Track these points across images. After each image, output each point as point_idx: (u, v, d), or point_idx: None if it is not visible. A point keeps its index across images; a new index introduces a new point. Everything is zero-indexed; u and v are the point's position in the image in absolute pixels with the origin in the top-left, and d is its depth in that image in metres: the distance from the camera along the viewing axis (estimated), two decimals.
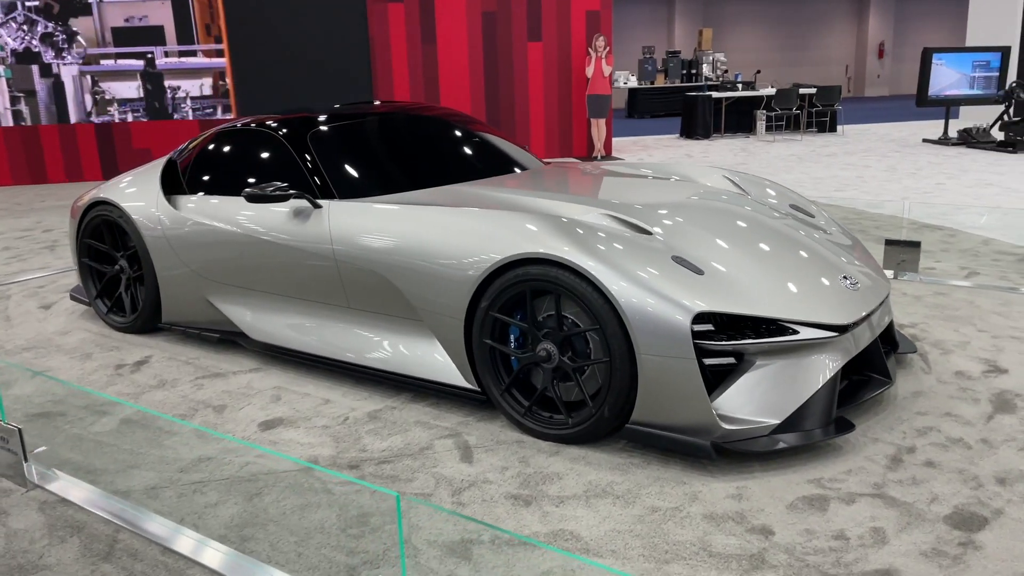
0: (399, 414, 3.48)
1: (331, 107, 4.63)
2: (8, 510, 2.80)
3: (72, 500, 2.83)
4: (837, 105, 15.89)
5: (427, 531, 2.57)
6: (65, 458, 3.16)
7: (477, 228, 3.28)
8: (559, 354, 3.09)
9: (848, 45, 32.54)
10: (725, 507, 2.65)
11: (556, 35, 12.85)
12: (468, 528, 2.57)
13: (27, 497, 2.88)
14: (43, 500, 2.85)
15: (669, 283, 2.90)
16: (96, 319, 4.95)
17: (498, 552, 2.44)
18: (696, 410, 2.85)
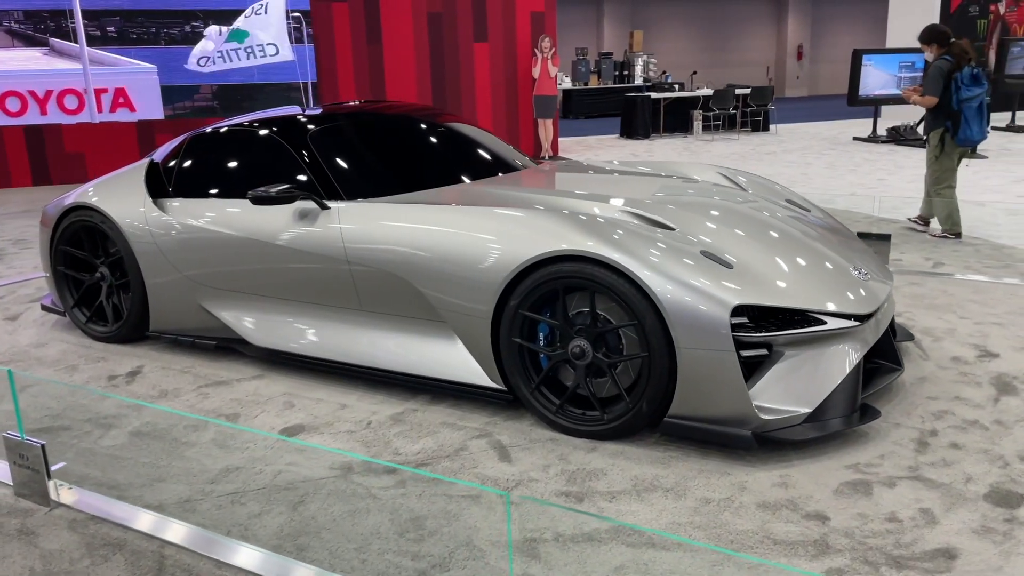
0: (422, 416, 3.43)
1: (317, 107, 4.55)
2: (35, 530, 2.65)
3: (104, 517, 2.71)
4: (770, 105, 16.34)
5: (485, 532, 2.55)
6: (82, 474, 3.02)
7: (504, 227, 3.26)
8: (593, 350, 3.10)
9: (768, 47, 33.51)
10: (775, 495, 2.70)
11: (502, 36, 12.87)
12: (527, 527, 2.56)
13: (52, 516, 2.74)
14: (71, 518, 2.72)
15: (704, 277, 2.94)
16: (72, 329, 4.74)
17: (565, 549, 2.44)
18: (735, 401, 2.89)
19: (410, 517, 2.65)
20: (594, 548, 2.44)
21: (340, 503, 2.75)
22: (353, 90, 12.35)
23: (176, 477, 2.98)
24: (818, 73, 33.83)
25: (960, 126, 6.29)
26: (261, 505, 2.76)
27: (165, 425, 3.42)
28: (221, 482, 2.93)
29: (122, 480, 2.97)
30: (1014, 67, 15.01)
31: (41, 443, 2.74)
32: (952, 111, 6.28)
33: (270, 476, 2.96)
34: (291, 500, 2.78)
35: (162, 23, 13.61)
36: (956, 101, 6.26)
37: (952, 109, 6.28)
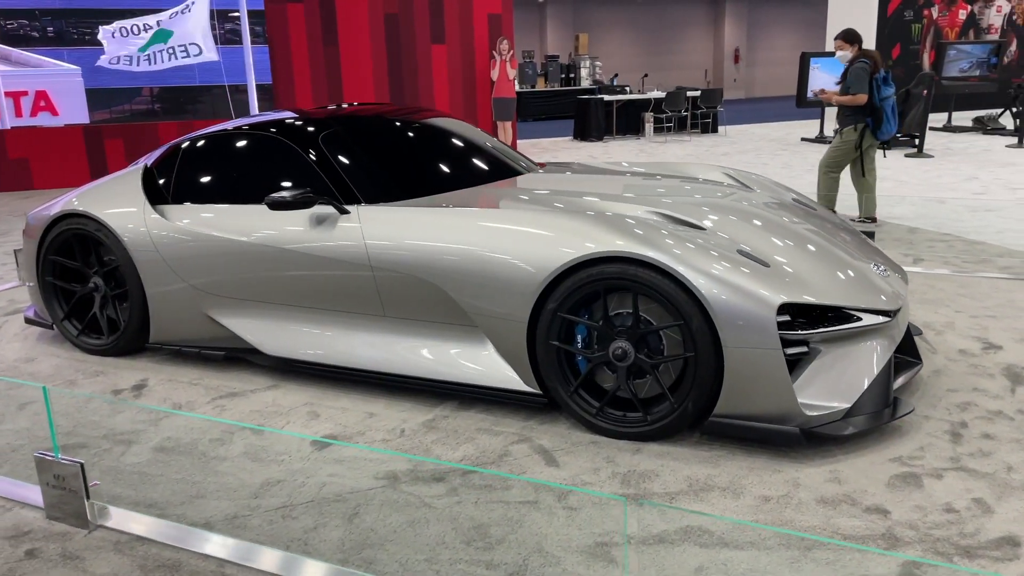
0: (455, 423, 3.38)
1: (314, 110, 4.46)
2: (80, 555, 2.53)
3: (151, 537, 2.59)
4: (720, 107, 16.64)
5: (553, 537, 2.52)
6: (112, 493, 2.89)
7: (541, 229, 3.23)
8: (635, 352, 3.10)
9: (706, 50, 34.14)
10: (830, 491, 2.74)
11: (459, 38, 12.82)
12: (594, 531, 2.54)
13: (93, 539, 2.61)
14: (115, 540, 2.59)
15: (747, 276, 2.97)
16: (61, 342, 4.54)
17: (639, 552, 2.43)
18: (780, 399, 2.92)
19: (472, 525, 2.61)
20: (667, 550, 2.44)
21: (396, 513, 2.69)
22: (309, 92, 12.15)
23: (215, 493, 2.87)
24: (754, 76, 34.60)
25: (882, 122, 6.70)
26: (314, 518, 2.68)
27: (189, 439, 3.30)
28: (265, 496, 2.83)
29: (158, 498, 2.85)
30: (951, 70, 15.57)
31: (80, 462, 2.61)
32: (874, 108, 6.65)
33: (315, 488, 2.87)
34: (344, 512, 2.71)
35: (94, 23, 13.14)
36: (878, 99, 6.63)
37: (875, 106, 6.64)
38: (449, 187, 3.94)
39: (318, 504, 2.77)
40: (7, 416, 3.59)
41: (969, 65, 15.75)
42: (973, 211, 7.74)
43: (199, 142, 4.25)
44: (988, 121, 15.45)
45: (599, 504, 2.71)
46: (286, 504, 2.78)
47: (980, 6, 19.45)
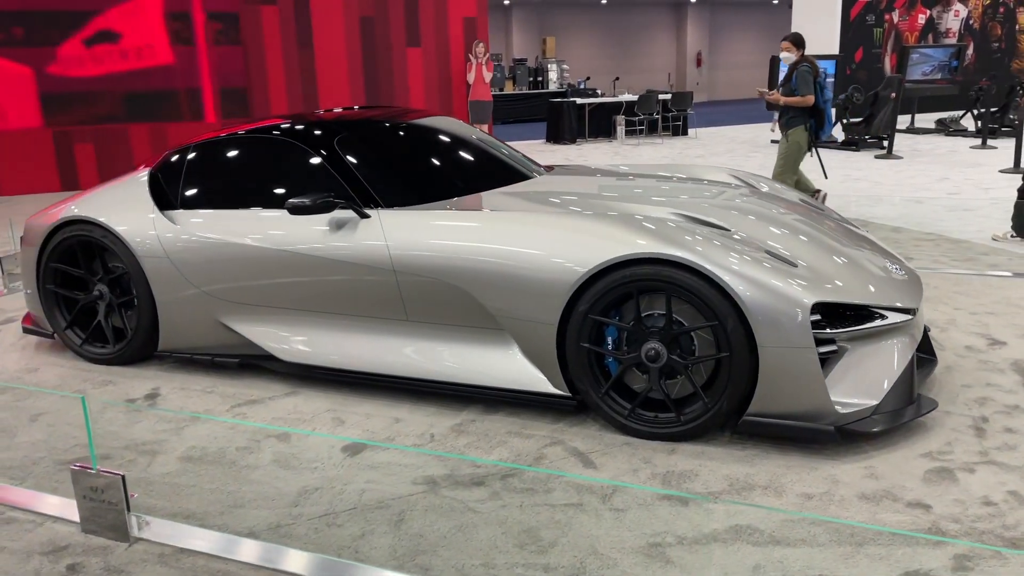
0: (484, 426, 3.37)
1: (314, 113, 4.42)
2: (124, 568, 2.47)
3: (196, 548, 2.55)
4: (690, 110, 16.82)
5: (605, 539, 2.53)
6: (147, 504, 2.83)
7: (571, 232, 3.24)
8: (668, 352, 3.12)
9: (669, 54, 34.49)
10: (869, 487, 2.78)
11: (435, 41, 12.80)
12: (644, 532, 2.55)
13: (135, 552, 2.55)
14: (158, 553, 2.54)
15: (780, 277, 3.00)
16: (61, 351, 4.43)
17: (693, 552, 2.45)
18: (814, 397, 2.96)
19: (521, 529, 2.60)
20: (721, 548, 2.46)
21: (442, 519, 2.67)
22: (284, 95, 12.03)
23: (253, 502, 2.83)
24: (716, 79, 35.04)
25: (824, 123, 6.97)
26: (359, 525, 2.65)
27: (215, 448, 3.25)
28: (304, 504, 2.80)
29: (195, 509, 2.80)
30: (913, 73, 15.92)
31: (121, 474, 2.55)
32: (818, 110, 6.87)
33: (355, 495, 2.84)
34: (389, 518, 2.69)
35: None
36: (821, 101, 6.86)
37: (819, 108, 6.87)
38: (465, 191, 3.93)
39: (361, 511, 2.74)
40: (20, 428, 3.49)
41: (931, 68, 16.12)
42: (951, 210, 7.92)
43: (208, 146, 4.19)
44: (950, 123, 15.83)
45: (645, 505, 2.72)
46: (328, 512, 2.74)
47: (938, 10, 19.92)
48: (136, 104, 11.40)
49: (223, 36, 11.64)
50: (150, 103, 11.44)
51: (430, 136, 4.36)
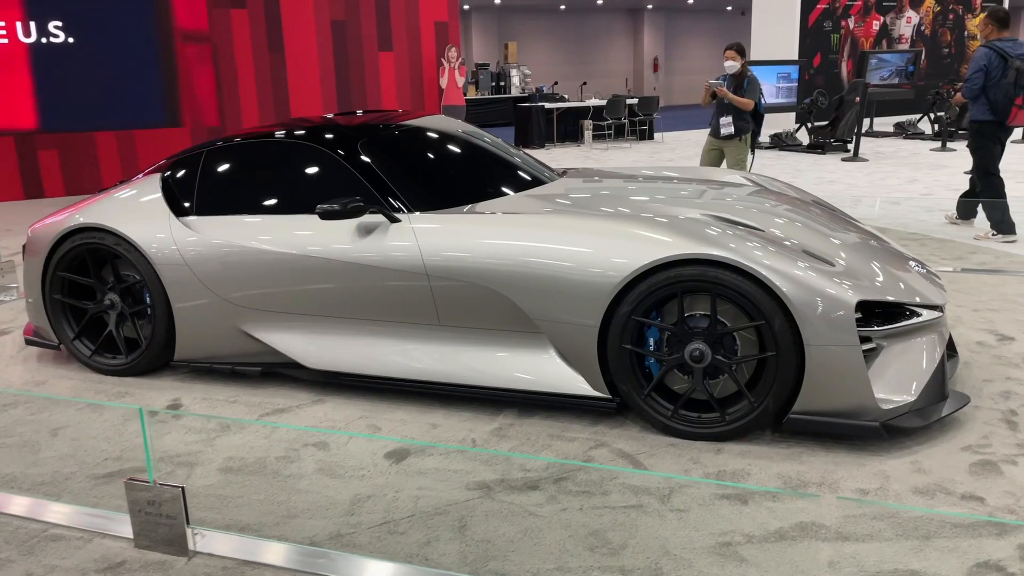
0: (523, 430, 3.36)
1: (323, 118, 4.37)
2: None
3: (262, 561, 2.49)
4: (656, 114, 16.99)
5: (674, 540, 2.53)
6: (197, 517, 2.75)
7: (611, 234, 3.24)
8: (712, 353, 3.14)
9: (627, 60, 34.83)
10: (920, 481, 2.83)
11: (407, 45, 12.73)
12: (711, 531, 2.56)
13: (196, 566, 2.48)
14: (221, 566, 2.48)
15: (821, 276, 3.04)
16: (67, 363, 4.30)
17: (764, 550, 2.46)
18: (858, 394, 3.01)
19: (587, 532, 2.59)
20: (791, 546, 2.48)
21: (505, 523, 2.65)
22: (255, 100, 11.85)
23: (306, 512, 2.77)
24: (672, 84, 35.46)
25: (760, 127, 7.46)
26: (422, 532, 2.62)
27: (253, 459, 3.18)
28: (360, 513, 2.75)
29: (248, 520, 2.73)
30: (872, 77, 16.27)
31: (181, 487, 2.48)
32: (758, 114, 7.34)
33: (409, 502, 2.81)
34: (451, 524, 2.65)
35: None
36: (762, 107, 7.33)
37: (759, 113, 7.34)
38: (489, 194, 3.91)
39: (420, 518, 2.70)
40: (42, 443, 3.38)
41: (889, 73, 16.51)
42: (928, 211, 8.13)
43: (224, 151, 4.10)
44: (908, 126, 16.25)
45: (705, 504, 2.73)
46: (387, 520, 2.70)
47: (892, 17, 20.45)
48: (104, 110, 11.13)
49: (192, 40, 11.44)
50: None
51: (448, 140, 4.33)
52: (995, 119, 6.58)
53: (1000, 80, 6.45)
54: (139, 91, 11.27)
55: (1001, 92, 6.45)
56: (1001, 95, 6.46)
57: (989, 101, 6.54)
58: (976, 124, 6.75)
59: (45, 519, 2.78)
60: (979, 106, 6.64)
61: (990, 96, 6.52)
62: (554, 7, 31.84)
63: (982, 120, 6.66)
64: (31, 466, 3.17)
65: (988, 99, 6.54)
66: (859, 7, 19.81)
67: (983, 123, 6.67)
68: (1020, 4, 29.57)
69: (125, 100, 11.19)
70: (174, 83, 11.43)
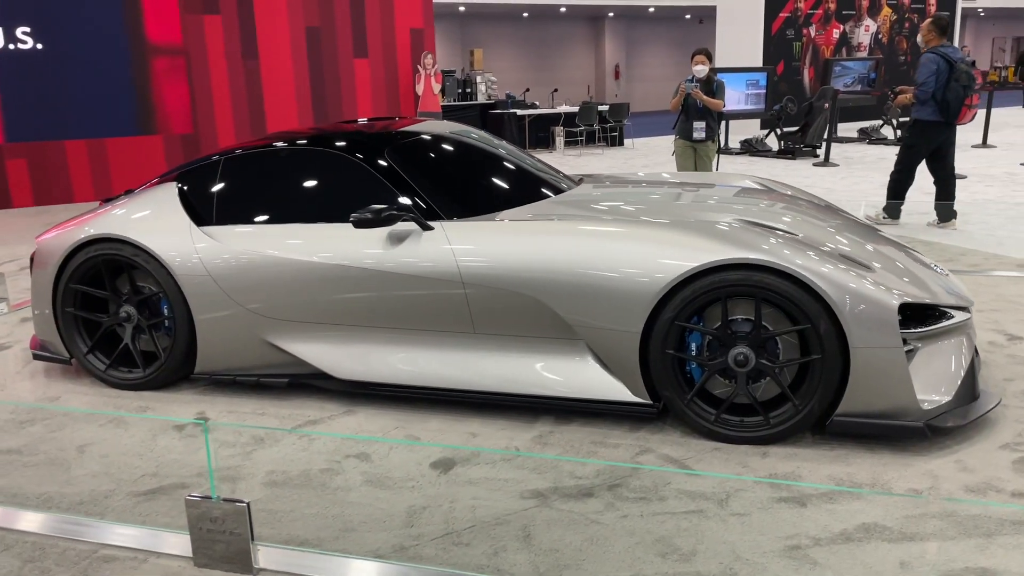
0: (564, 437, 3.35)
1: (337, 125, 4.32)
2: None
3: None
4: (626, 121, 17.12)
5: (742, 544, 2.54)
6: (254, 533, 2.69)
7: (653, 240, 3.25)
8: (756, 357, 3.16)
9: (589, 67, 35.05)
10: (969, 480, 2.88)
11: (382, 52, 12.66)
12: (777, 535, 2.57)
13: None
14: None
15: (863, 279, 3.09)
16: (77, 377, 4.18)
17: (834, 552, 2.48)
18: (901, 395, 3.05)
19: (653, 539, 2.59)
20: (859, 547, 2.50)
21: (569, 532, 2.64)
22: (230, 107, 11.68)
23: (363, 525, 2.73)
24: (633, 91, 35.76)
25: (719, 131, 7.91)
26: (487, 543, 2.59)
27: (296, 472, 3.12)
28: (418, 524, 2.71)
29: (304, 535, 2.68)
30: (836, 84, 16.61)
31: (246, 502, 2.42)
32: (723, 116, 7.82)
33: (466, 512, 2.78)
34: (514, 534, 2.63)
35: None
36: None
37: (722, 115, 7.89)
38: (516, 201, 3.88)
39: (481, 528, 2.68)
40: (71, 461, 3.27)
41: (852, 80, 16.88)
42: (908, 214, 8.29)
43: (244, 159, 4.03)
44: (871, 132, 16.61)
45: (764, 508, 2.74)
46: (448, 531, 2.67)
47: (851, 25, 20.89)
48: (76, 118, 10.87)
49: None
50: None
51: (470, 147, 4.30)
52: (942, 120, 7.05)
53: (950, 83, 6.90)
54: (110, 98, 11.03)
55: (952, 94, 6.91)
56: (953, 97, 6.92)
57: (938, 103, 6.98)
58: (921, 124, 7.21)
59: (91, 539, 2.70)
60: (927, 108, 7.09)
61: (939, 98, 6.96)
62: (516, 14, 31.94)
63: (928, 120, 7.13)
64: (65, 485, 3.07)
65: (937, 101, 6.97)
66: (820, 16, 20.21)
67: (928, 123, 7.15)
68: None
69: (96, 107, 10.94)
70: (146, 90, 11.22)
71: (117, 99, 11.07)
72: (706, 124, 7.61)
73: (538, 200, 3.94)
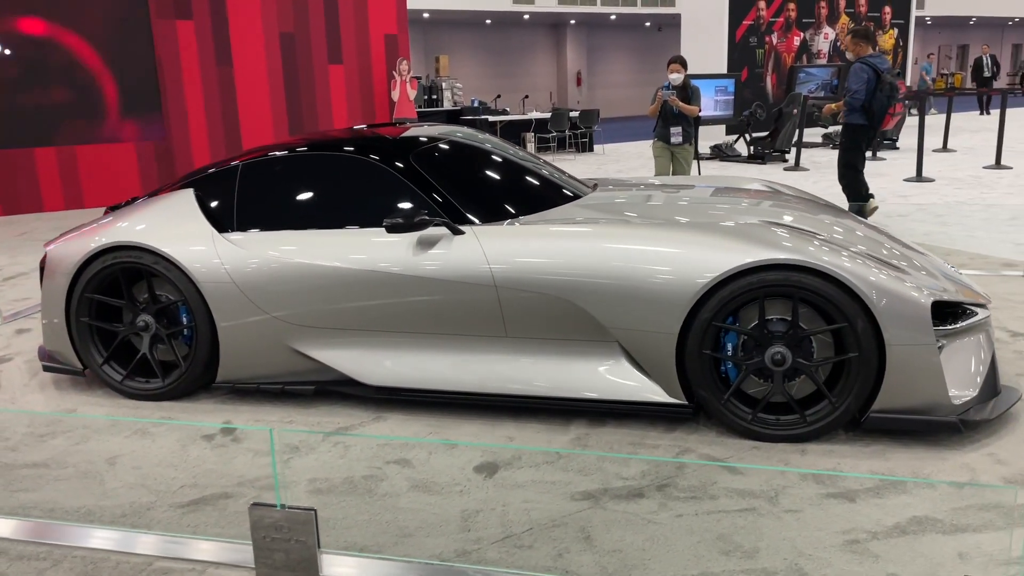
0: (603, 439, 3.36)
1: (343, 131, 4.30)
2: None
3: None
4: (596, 127, 17.26)
5: (800, 540, 2.58)
6: None
7: (687, 242, 3.29)
8: (793, 356, 3.22)
9: (551, 73, 35.27)
10: (1006, 472, 2.96)
11: (356, 58, 12.59)
12: (834, 530, 2.62)
13: None
14: None
15: (896, 279, 3.16)
16: (89, 388, 4.09)
17: (889, 544, 2.53)
18: (934, 391, 3.13)
19: (714, 537, 2.62)
20: (915, 540, 2.55)
21: (629, 533, 2.65)
22: (203, 114, 11.51)
23: (419, 530, 2.71)
24: (595, 97, 36.04)
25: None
26: (550, 545, 2.59)
27: (339, 479, 3.09)
28: (475, 528, 2.71)
29: (363, 542, 2.65)
30: (801, 91, 16.96)
31: (313, 509, 2.40)
32: (699, 121, 8.09)
33: (521, 514, 2.78)
34: (575, 536, 2.64)
35: None
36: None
37: (698, 120, 8.08)
38: (542, 205, 3.90)
39: (540, 530, 2.68)
40: (104, 474, 3.20)
41: (816, 86, 17.24)
42: (888, 216, 8.50)
43: (264, 165, 3.98)
44: (835, 137, 16.94)
45: (815, 504, 2.79)
46: (507, 534, 2.67)
47: (811, 33, 21.32)
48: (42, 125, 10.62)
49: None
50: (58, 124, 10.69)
51: (490, 152, 4.30)
52: (868, 125, 7.47)
53: (876, 93, 7.30)
54: (80, 105, 10.80)
55: (879, 103, 7.32)
56: (879, 106, 7.34)
57: (866, 111, 7.37)
58: (852, 128, 7.64)
59: (142, 551, 2.64)
60: (857, 114, 7.47)
61: (866, 106, 7.34)
62: (479, 21, 32.00)
63: (857, 124, 7.55)
64: (102, 498, 3.00)
65: (865, 109, 7.36)
66: (781, 24, 20.59)
67: (858, 127, 7.57)
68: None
69: (66, 115, 10.70)
70: (117, 97, 11.00)
71: (87, 106, 10.85)
72: (682, 129, 7.88)
73: (560, 204, 3.96)
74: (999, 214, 8.43)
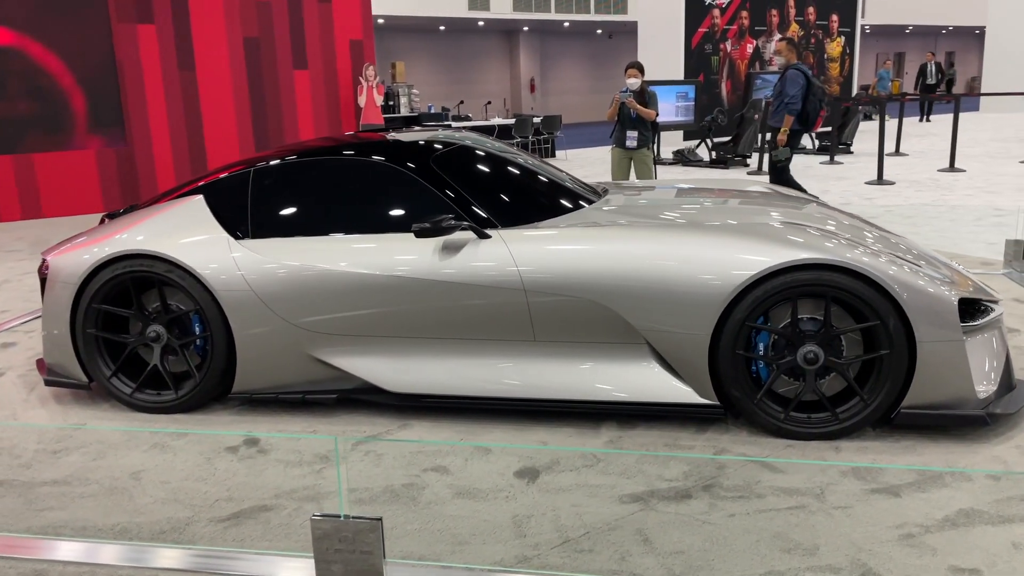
0: (636, 442, 3.36)
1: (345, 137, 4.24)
2: None
3: None
4: (559, 132, 17.33)
5: (857, 536, 2.61)
6: None
7: (717, 244, 3.31)
8: (824, 354, 3.26)
9: (504, 80, 35.33)
10: None
11: (322, 63, 12.44)
12: (886, 524, 2.66)
13: None
14: None
15: (923, 277, 3.23)
16: (95, 401, 3.95)
17: (943, 537, 2.58)
18: (961, 386, 3.21)
19: (771, 535, 2.63)
20: (966, 532, 2.60)
21: (687, 534, 2.65)
22: (166, 118, 11.25)
23: (474, 537, 2.67)
24: (548, 104, 36.22)
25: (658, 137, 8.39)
26: (610, 548, 2.58)
27: (379, 487, 3.03)
28: (530, 534, 2.68)
29: (418, 551, 2.60)
30: (757, 96, 17.29)
31: (379, 518, 2.34)
32: (655, 125, 8.19)
33: (573, 519, 2.76)
34: (633, 539, 2.63)
35: None
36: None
37: (656, 124, 8.24)
38: (562, 209, 3.88)
39: (596, 534, 2.66)
40: (132, 490, 3.08)
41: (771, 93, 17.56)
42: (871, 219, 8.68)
43: (278, 170, 3.89)
44: None
45: (862, 500, 2.82)
46: (565, 539, 2.64)
47: (763, 41, 21.75)
48: None
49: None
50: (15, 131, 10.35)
51: (506, 156, 4.26)
52: (801, 129, 7.94)
53: (808, 97, 7.75)
54: (38, 111, 10.47)
55: (811, 107, 7.79)
56: (812, 109, 7.80)
57: (799, 114, 7.78)
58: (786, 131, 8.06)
59: (192, 568, 2.55)
60: (792, 117, 7.86)
61: (800, 111, 7.76)
62: (433, 27, 31.93)
63: (792, 129, 7.90)
64: (135, 515, 2.90)
65: (798, 112, 7.78)
66: (735, 31, 20.96)
67: (792, 132, 7.92)
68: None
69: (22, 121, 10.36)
70: (76, 102, 10.70)
71: (45, 113, 10.52)
72: (639, 133, 7.95)
73: (578, 208, 3.96)
74: (964, 215, 8.68)
